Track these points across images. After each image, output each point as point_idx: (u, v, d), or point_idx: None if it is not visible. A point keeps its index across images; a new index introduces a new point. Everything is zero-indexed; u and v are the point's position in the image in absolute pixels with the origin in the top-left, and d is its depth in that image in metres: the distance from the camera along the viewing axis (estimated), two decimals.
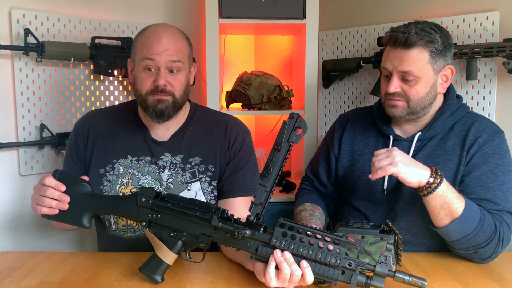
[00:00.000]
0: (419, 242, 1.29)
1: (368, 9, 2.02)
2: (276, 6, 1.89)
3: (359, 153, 1.40)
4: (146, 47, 1.21)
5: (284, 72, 2.41)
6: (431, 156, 1.29)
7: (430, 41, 1.20)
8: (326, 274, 0.95)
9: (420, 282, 0.93)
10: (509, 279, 1.09)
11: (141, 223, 1.06)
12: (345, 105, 2.10)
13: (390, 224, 1.09)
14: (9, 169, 1.63)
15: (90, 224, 1.10)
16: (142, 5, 1.99)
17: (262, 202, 0.96)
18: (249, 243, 0.99)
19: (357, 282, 0.94)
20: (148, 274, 1.04)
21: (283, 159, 0.96)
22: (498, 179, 1.22)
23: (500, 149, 1.25)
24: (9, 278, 1.08)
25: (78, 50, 1.69)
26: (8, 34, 1.59)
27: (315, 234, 0.96)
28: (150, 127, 1.32)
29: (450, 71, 1.27)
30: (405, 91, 1.25)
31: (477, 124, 1.28)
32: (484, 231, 1.14)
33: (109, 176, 1.29)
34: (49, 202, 1.06)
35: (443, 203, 1.12)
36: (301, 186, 1.55)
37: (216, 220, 1.00)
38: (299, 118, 0.96)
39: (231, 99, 2.11)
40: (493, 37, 1.61)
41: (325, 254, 0.94)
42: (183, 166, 1.30)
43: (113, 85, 1.91)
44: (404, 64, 1.22)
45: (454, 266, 1.16)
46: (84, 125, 1.34)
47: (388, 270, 0.94)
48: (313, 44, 1.96)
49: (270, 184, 0.96)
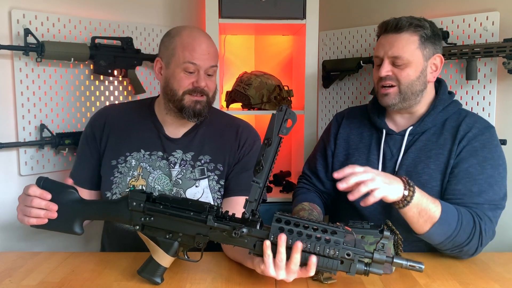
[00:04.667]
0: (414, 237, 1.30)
1: (368, 9, 2.02)
2: (276, 6, 1.89)
3: (354, 147, 1.43)
4: (188, 50, 1.27)
5: (284, 72, 2.41)
6: (423, 150, 1.31)
7: (419, 25, 1.27)
8: (325, 265, 0.95)
9: (418, 266, 0.94)
10: (509, 279, 1.09)
11: (135, 226, 1.04)
12: (345, 105, 2.10)
13: (390, 224, 1.09)
14: (9, 169, 1.63)
15: (82, 231, 1.09)
16: (142, 5, 1.99)
17: (257, 198, 0.95)
18: (246, 240, 0.98)
19: (356, 271, 0.95)
20: (147, 276, 1.04)
21: (274, 153, 0.95)
22: (486, 172, 1.24)
23: (489, 143, 1.27)
24: (9, 278, 1.08)
25: (78, 50, 1.69)
26: (8, 34, 1.59)
27: (312, 226, 0.96)
28: (165, 124, 1.38)
29: (439, 60, 1.31)
30: (396, 74, 1.29)
31: (468, 120, 1.31)
32: (464, 229, 1.15)
33: (120, 168, 1.33)
34: (36, 212, 1.05)
35: (420, 211, 1.11)
36: (298, 185, 1.56)
37: (212, 220, 0.99)
38: (288, 110, 0.95)
39: (231, 99, 2.11)
40: (493, 37, 1.61)
41: (323, 246, 0.94)
42: (193, 163, 1.34)
43: (113, 85, 1.91)
44: (394, 48, 1.27)
45: (454, 266, 1.16)
46: (101, 118, 1.40)
47: (386, 256, 0.94)
48: (313, 44, 1.96)
49: (263, 179, 0.95)
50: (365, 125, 1.44)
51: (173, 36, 1.32)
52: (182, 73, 1.28)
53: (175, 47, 1.29)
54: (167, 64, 1.32)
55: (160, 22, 2.05)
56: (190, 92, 1.29)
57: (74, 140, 1.70)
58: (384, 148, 1.36)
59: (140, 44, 1.94)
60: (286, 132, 0.95)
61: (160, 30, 2.01)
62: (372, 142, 1.39)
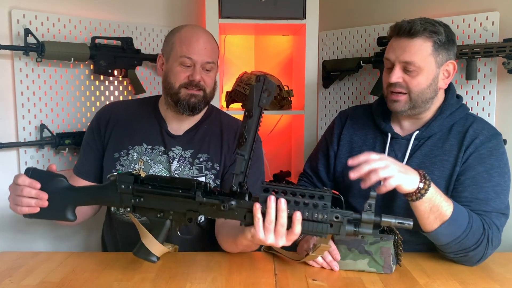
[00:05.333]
0: (418, 241, 1.29)
1: (368, 9, 2.02)
2: (276, 6, 1.89)
3: (358, 149, 1.40)
4: (185, 45, 1.31)
5: (284, 72, 2.41)
6: (428, 156, 1.29)
7: (434, 32, 1.22)
8: (316, 229, 0.96)
9: (407, 223, 0.95)
10: (509, 279, 1.09)
11: (126, 208, 1.06)
12: (345, 105, 2.10)
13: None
14: (9, 169, 1.63)
15: (74, 217, 1.10)
16: (142, 5, 1.99)
17: (243, 171, 0.97)
18: (236, 212, 0.99)
19: (346, 232, 0.96)
20: (143, 256, 1.05)
21: (256, 124, 0.97)
22: (493, 180, 1.21)
23: (496, 151, 1.25)
24: (9, 278, 1.08)
25: (78, 50, 1.69)
26: (8, 34, 1.59)
27: (299, 192, 0.97)
28: (168, 121, 1.41)
29: (452, 66, 1.27)
30: (406, 82, 1.25)
31: (475, 126, 1.28)
32: (474, 233, 1.12)
33: (122, 161, 1.36)
34: (27, 202, 1.07)
35: (432, 207, 1.09)
36: (299, 183, 1.55)
37: (200, 196, 1.00)
38: (266, 79, 0.96)
39: (231, 99, 2.11)
40: (493, 37, 1.61)
41: (311, 211, 0.95)
42: (192, 161, 1.37)
43: (113, 85, 1.91)
44: (406, 54, 1.23)
45: (454, 266, 1.16)
46: (106, 113, 1.43)
47: (374, 216, 0.95)
48: (313, 44, 1.96)
49: (248, 151, 0.97)
50: (369, 127, 1.41)
51: (174, 32, 1.36)
52: (179, 67, 1.32)
53: (174, 42, 1.33)
54: (167, 59, 1.36)
55: (160, 22, 2.05)
56: (186, 85, 1.32)
57: (74, 140, 1.70)
58: (388, 152, 1.33)
59: (140, 44, 1.94)
60: (266, 103, 0.97)
61: (160, 30, 2.01)
62: (376, 145, 1.36)
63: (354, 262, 1.10)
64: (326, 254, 1.11)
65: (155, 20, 2.03)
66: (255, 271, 1.11)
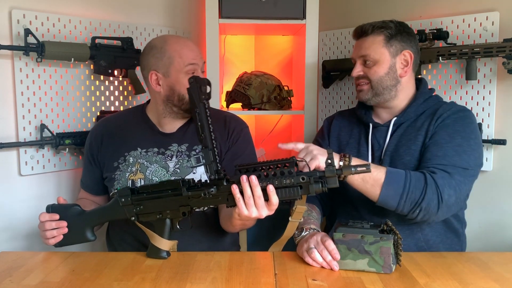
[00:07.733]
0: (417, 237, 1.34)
1: (368, 9, 2.02)
2: (276, 6, 1.89)
3: (345, 143, 1.51)
4: (185, 55, 1.38)
5: (284, 72, 2.41)
6: (404, 135, 1.39)
7: (382, 27, 1.38)
8: (288, 194, 1.06)
9: (366, 168, 1.04)
10: (508, 278, 1.09)
11: (131, 218, 1.20)
12: (345, 105, 2.10)
13: (390, 224, 1.09)
14: (9, 169, 1.63)
15: (94, 236, 1.26)
16: (142, 5, 1.99)
17: (213, 160, 1.09)
18: (220, 197, 1.11)
19: (315, 190, 1.04)
20: (155, 256, 1.18)
21: (207, 117, 1.10)
22: (454, 142, 1.29)
23: (462, 120, 1.33)
24: (9, 278, 1.08)
25: (78, 50, 1.69)
26: (8, 34, 1.59)
27: (267, 166, 1.07)
28: (160, 124, 1.47)
29: (408, 55, 1.39)
30: (366, 73, 1.41)
31: (445, 106, 1.39)
32: (415, 184, 1.20)
33: (121, 167, 1.43)
34: (51, 233, 1.23)
35: (363, 177, 1.20)
36: None
37: (186, 191, 1.14)
38: (196, 78, 1.10)
39: (231, 99, 2.12)
40: (493, 37, 1.61)
41: (280, 179, 1.05)
42: (189, 153, 1.43)
43: (113, 85, 1.91)
44: (362, 49, 1.40)
45: (454, 266, 1.16)
46: (98, 129, 1.51)
47: (335, 170, 1.03)
48: (313, 44, 1.96)
49: (209, 142, 1.10)
50: (354, 123, 1.54)
51: (161, 47, 1.39)
52: (186, 77, 1.34)
53: (171, 56, 1.37)
54: (165, 73, 1.38)
55: (160, 22, 2.05)
56: None
57: (74, 140, 1.70)
58: (372, 140, 1.44)
59: (140, 44, 1.94)
60: (209, 96, 1.11)
61: (160, 30, 2.01)
62: (361, 136, 1.48)
63: (354, 262, 1.11)
64: (326, 254, 1.11)
65: (155, 20, 2.04)
66: (255, 271, 1.11)
